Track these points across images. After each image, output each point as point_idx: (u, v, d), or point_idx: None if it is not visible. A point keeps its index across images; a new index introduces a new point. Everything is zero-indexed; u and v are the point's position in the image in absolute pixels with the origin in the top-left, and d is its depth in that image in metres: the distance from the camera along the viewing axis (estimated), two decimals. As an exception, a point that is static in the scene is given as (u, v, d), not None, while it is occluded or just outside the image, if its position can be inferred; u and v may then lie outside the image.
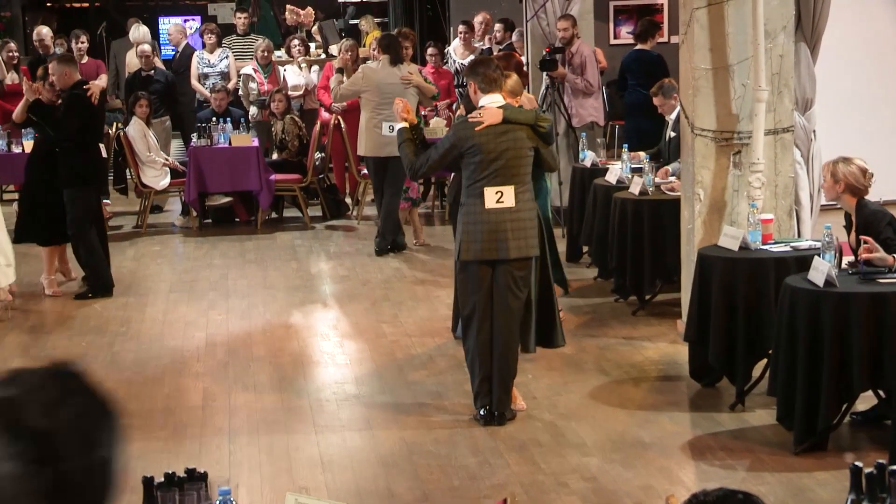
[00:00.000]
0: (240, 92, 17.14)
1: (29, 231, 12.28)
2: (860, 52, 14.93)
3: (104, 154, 12.30)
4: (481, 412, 8.27)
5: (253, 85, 17.00)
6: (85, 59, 16.69)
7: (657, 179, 11.35)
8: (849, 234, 8.23)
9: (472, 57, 15.39)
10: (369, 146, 13.76)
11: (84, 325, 11.21)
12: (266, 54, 17.15)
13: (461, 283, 8.40)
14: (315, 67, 17.76)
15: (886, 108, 15.05)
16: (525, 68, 13.40)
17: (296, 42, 17.77)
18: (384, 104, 13.48)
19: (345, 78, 14.28)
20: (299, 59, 17.49)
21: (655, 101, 12.21)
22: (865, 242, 7.69)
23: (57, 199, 11.95)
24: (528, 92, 13.67)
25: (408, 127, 8.54)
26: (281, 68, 17.42)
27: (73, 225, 12.01)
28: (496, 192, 8.16)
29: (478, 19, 17.22)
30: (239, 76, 17.25)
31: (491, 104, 8.28)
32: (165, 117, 17.23)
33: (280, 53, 18.79)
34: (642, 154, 12.20)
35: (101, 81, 16.26)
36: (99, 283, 12.20)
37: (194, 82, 17.32)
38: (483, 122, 8.15)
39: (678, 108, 11.91)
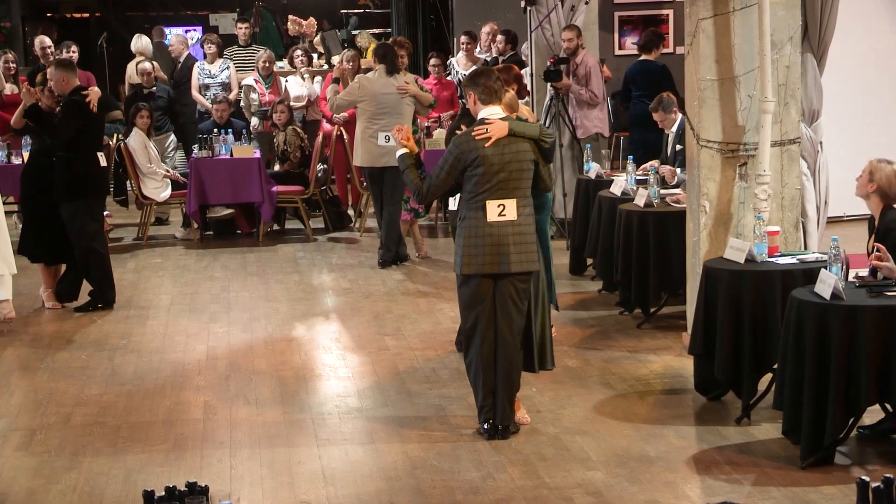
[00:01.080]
0: (241, 103, 17.09)
1: (34, 251, 12.09)
2: (867, 62, 14.91)
3: (103, 163, 12.10)
4: (485, 426, 8.21)
5: (254, 96, 16.95)
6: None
7: (665, 175, 11.32)
8: (869, 238, 8.14)
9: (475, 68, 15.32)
10: (365, 157, 13.70)
11: (84, 337, 11.15)
12: (267, 65, 17.10)
13: (462, 297, 8.32)
14: (318, 78, 17.73)
15: (894, 120, 15.00)
16: (525, 80, 13.34)
17: (299, 52, 17.73)
18: (380, 114, 13.45)
19: (342, 88, 14.23)
20: (302, 70, 17.45)
21: (656, 116, 12.19)
22: (878, 250, 7.63)
23: (56, 214, 11.82)
24: (532, 104, 13.67)
25: (409, 153, 8.45)
26: (283, 79, 17.37)
27: (78, 241, 11.85)
28: (498, 206, 8.10)
29: (485, 30, 17.16)
30: (240, 87, 17.19)
31: (491, 116, 8.21)
32: (169, 133, 17.16)
33: (282, 64, 18.75)
34: (653, 164, 12.12)
35: None
36: (103, 300, 12.12)
37: (195, 93, 17.27)
38: (491, 137, 8.07)
39: (678, 120, 11.89)
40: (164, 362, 10.32)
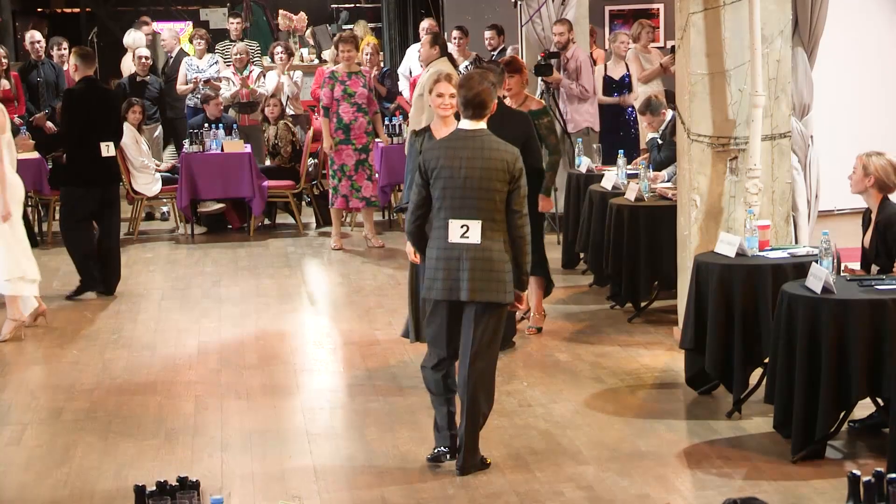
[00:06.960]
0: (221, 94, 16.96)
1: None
2: (858, 56, 14.93)
3: (106, 153, 12.18)
4: (442, 448, 7.67)
5: (230, 87, 16.90)
6: (66, 66, 16.55)
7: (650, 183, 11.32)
8: (865, 232, 8.15)
9: (466, 63, 15.31)
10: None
11: (75, 332, 11.13)
12: (241, 56, 17.04)
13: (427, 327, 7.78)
14: (298, 73, 17.65)
15: (885, 114, 15.03)
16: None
17: (279, 49, 17.55)
18: None
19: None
20: (278, 65, 17.23)
21: (643, 119, 12.18)
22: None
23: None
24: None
25: None
26: (264, 74, 17.32)
27: (60, 223, 12.55)
28: (462, 226, 7.30)
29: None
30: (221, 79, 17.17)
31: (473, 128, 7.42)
32: (157, 124, 17.15)
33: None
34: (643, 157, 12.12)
35: None
36: (86, 281, 12.25)
37: (180, 87, 17.19)
38: None
39: (667, 120, 11.88)
40: (155, 357, 10.31)
